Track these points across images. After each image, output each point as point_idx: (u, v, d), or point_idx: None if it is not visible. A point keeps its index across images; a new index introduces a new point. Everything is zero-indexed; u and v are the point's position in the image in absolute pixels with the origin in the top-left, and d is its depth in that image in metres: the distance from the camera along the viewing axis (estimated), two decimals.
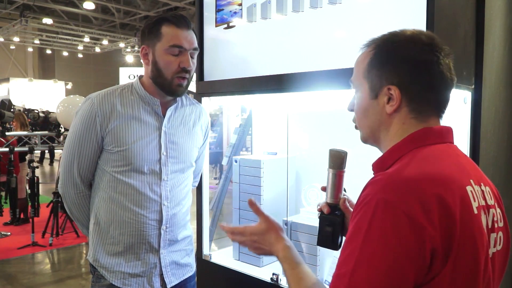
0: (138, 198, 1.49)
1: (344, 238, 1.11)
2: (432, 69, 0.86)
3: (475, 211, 0.81)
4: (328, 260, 1.75)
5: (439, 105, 0.91)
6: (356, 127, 1.01)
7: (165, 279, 1.56)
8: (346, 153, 1.13)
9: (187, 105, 1.65)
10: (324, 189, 1.17)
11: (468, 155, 1.54)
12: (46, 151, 5.52)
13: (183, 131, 1.59)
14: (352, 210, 1.09)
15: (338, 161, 1.13)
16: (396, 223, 0.73)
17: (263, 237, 1.08)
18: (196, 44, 1.51)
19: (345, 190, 1.17)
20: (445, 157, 0.86)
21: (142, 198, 1.49)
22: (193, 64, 1.51)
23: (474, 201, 0.82)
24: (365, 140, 1.00)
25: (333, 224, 1.12)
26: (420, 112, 0.89)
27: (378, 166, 0.93)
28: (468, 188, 0.82)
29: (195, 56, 1.54)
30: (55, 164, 12.39)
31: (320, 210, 1.15)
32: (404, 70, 0.87)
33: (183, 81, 1.50)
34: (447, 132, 0.92)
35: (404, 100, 0.88)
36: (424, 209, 0.74)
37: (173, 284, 1.59)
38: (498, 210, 0.90)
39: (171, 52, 1.46)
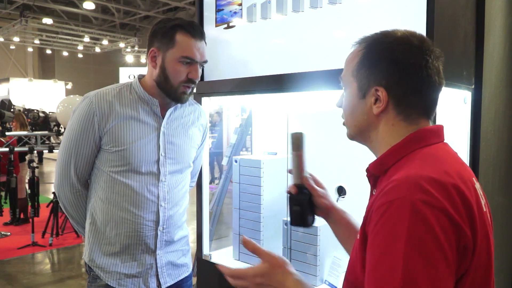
0: (135, 199, 1.48)
1: (315, 216, 1.20)
2: (420, 72, 0.86)
3: (484, 208, 0.82)
4: (328, 260, 1.75)
5: (427, 108, 0.91)
6: (343, 124, 1.01)
7: (160, 280, 1.56)
8: (302, 133, 1.20)
9: (186, 106, 1.65)
10: (291, 171, 1.20)
11: (468, 155, 1.54)
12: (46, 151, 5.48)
13: (181, 132, 1.59)
14: (317, 188, 1.20)
15: (296, 142, 1.19)
16: (439, 223, 0.71)
17: (269, 277, 0.98)
18: (206, 57, 1.51)
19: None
20: (449, 156, 0.87)
21: (139, 199, 1.49)
22: (199, 74, 1.52)
23: (482, 198, 0.83)
24: (351, 137, 1.00)
25: (300, 203, 1.16)
26: (408, 115, 0.89)
27: (377, 167, 0.92)
28: (476, 186, 0.84)
29: (203, 66, 1.55)
30: (44, 162, 12.30)
31: (289, 192, 1.18)
32: (392, 72, 0.87)
33: (187, 89, 1.50)
34: (441, 131, 0.92)
35: (391, 102, 0.88)
36: (454, 206, 0.73)
37: (169, 284, 1.58)
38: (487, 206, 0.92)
39: (182, 62, 1.45)
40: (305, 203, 1.16)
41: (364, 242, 0.80)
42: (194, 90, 1.91)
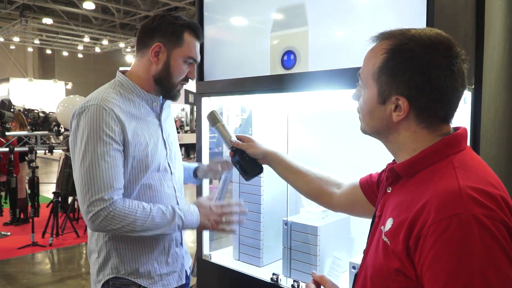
0: (159, 197, 1.48)
1: (257, 165, 1.44)
2: (445, 83, 0.84)
3: None
4: (328, 260, 1.75)
5: (449, 115, 0.90)
6: (359, 118, 0.99)
7: (186, 268, 1.61)
8: (213, 111, 1.51)
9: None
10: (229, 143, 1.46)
11: None
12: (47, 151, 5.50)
13: (170, 125, 1.62)
14: (244, 143, 1.43)
15: (212, 119, 1.50)
16: (502, 234, 0.73)
17: None
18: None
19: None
20: (481, 163, 0.87)
21: (163, 196, 1.49)
22: None
23: None
24: (366, 133, 0.99)
25: (238, 161, 1.44)
26: (430, 123, 0.88)
27: (405, 169, 0.90)
28: None
29: None
30: (44, 162, 12.29)
31: (232, 156, 1.45)
32: (416, 83, 0.84)
33: (182, 87, 1.54)
34: (467, 134, 0.92)
35: (413, 112, 0.87)
36: (506, 216, 0.75)
37: (189, 272, 1.65)
38: None
39: (186, 62, 1.47)
40: (241, 159, 1.43)
41: (404, 253, 0.80)
42: (193, 89, 1.93)
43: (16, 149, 5.02)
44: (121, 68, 1.59)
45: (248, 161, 1.44)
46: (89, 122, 1.33)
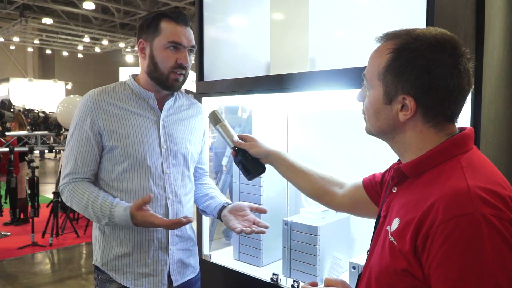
0: (143, 193, 1.47)
1: (260, 165, 1.43)
2: (451, 82, 0.84)
3: None
4: (328, 260, 1.75)
5: (454, 115, 0.90)
6: (364, 119, 0.99)
7: (171, 277, 1.55)
8: (215, 110, 1.50)
9: (184, 100, 1.65)
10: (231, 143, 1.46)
11: None
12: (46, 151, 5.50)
13: (181, 125, 1.59)
14: (247, 143, 1.43)
15: (214, 118, 1.49)
16: (510, 233, 0.73)
17: None
18: (194, 42, 1.52)
19: None
20: (488, 163, 0.88)
21: (147, 193, 1.47)
22: (190, 61, 1.52)
23: None
24: (371, 134, 0.99)
25: (240, 161, 1.44)
26: (437, 123, 0.88)
27: (412, 169, 0.90)
28: None
29: (193, 54, 1.55)
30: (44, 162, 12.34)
31: (234, 156, 1.45)
32: (422, 82, 0.84)
33: (179, 76, 1.50)
34: (473, 134, 0.92)
35: (419, 111, 0.87)
36: None
37: (179, 283, 1.58)
38: None
39: (169, 48, 1.46)
40: (243, 159, 1.43)
41: (411, 253, 0.80)
42: (194, 88, 1.92)
43: (16, 149, 5.01)
44: (133, 73, 1.62)
45: (250, 161, 1.44)
46: (76, 111, 1.52)
